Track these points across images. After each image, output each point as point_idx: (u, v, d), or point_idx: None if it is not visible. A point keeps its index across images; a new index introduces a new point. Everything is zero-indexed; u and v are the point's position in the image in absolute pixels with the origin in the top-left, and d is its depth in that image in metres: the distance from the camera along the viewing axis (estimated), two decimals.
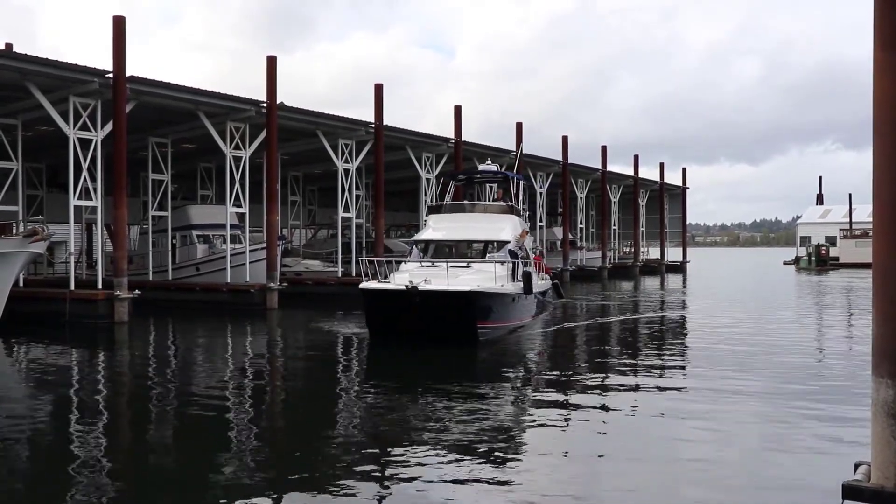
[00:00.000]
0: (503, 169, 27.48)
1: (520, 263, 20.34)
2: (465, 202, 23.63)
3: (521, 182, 25.44)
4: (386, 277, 18.79)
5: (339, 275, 35.94)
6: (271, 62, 29.56)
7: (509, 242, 20.71)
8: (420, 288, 16.78)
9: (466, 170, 33.09)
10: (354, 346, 18.50)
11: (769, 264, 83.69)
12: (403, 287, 16.96)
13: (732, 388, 12.61)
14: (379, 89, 35.20)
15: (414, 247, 21.62)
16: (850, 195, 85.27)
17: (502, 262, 19.47)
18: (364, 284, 18.27)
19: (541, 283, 21.56)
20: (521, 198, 24.05)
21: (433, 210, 23.48)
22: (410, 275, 18.09)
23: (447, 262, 18.85)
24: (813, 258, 72.57)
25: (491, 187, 27.05)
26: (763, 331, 20.88)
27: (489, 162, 26.23)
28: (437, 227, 21.92)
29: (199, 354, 18.28)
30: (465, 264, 19.03)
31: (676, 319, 25.25)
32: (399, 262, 20.42)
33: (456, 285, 17.20)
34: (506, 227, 21.47)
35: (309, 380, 14.82)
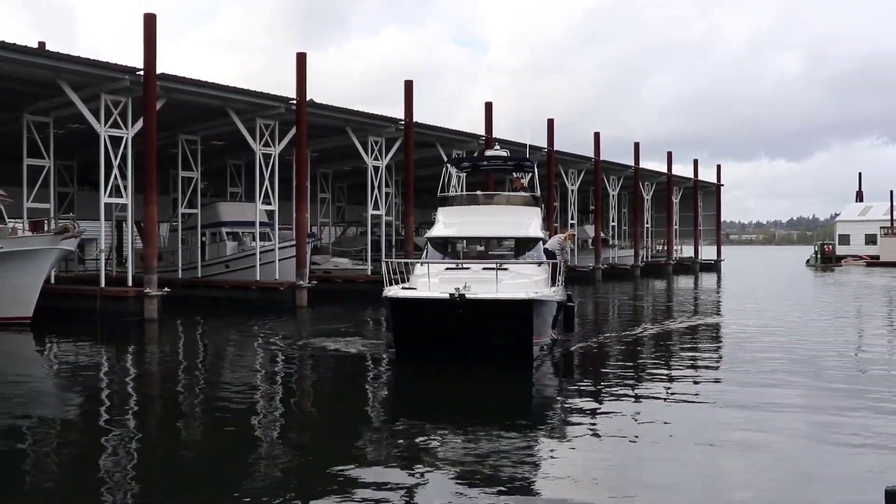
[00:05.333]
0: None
1: (561, 265, 18.18)
2: (479, 193, 20.48)
3: (536, 170, 21.94)
4: (405, 281, 16.81)
5: (369, 272, 35.91)
6: (301, 59, 29.59)
7: (541, 239, 18.54)
8: (468, 296, 14.18)
9: (471, 156, 32.08)
10: (381, 360, 18.25)
11: (792, 263, 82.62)
12: (448, 295, 14.21)
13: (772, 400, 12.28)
14: (409, 86, 35.13)
15: (428, 245, 18.53)
16: (891, 192, 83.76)
17: (539, 264, 17.43)
18: (391, 292, 15.39)
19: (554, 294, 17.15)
20: (537, 187, 21.03)
21: (443, 202, 19.79)
22: (441, 279, 15.54)
23: (479, 263, 16.92)
24: (819, 256, 78.80)
25: (510, 178, 24.97)
26: (792, 332, 20.50)
27: (498, 147, 23.45)
28: (450, 223, 18.88)
29: (228, 353, 18.30)
30: (497, 266, 16.23)
31: (715, 325, 24.81)
32: (415, 265, 17.67)
33: (507, 292, 14.76)
34: (533, 222, 18.80)
35: (340, 383, 14.65)
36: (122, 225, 43.59)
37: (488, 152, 22.92)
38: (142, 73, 24.24)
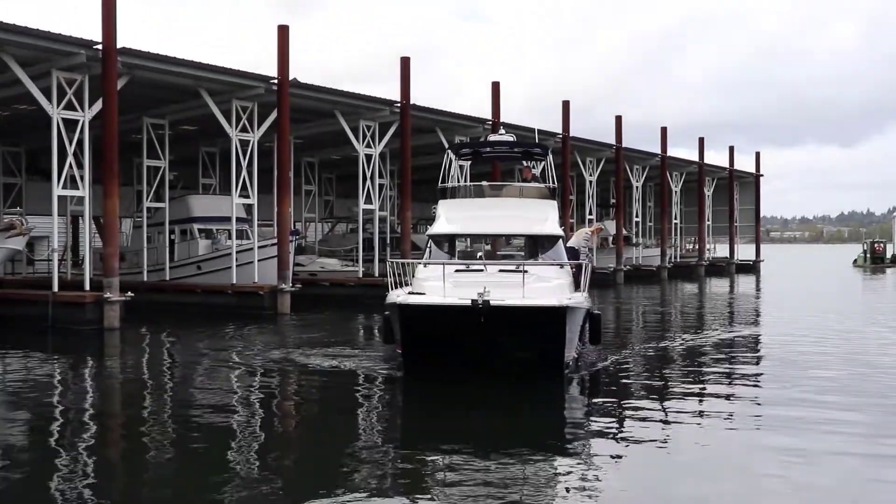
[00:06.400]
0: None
1: (589, 267, 17.69)
2: (485, 184, 20.21)
3: (550, 156, 21.27)
4: (407, 284, 16.57)
5: (360, 275, 35.80)
6: (283, 32, 29.40)
7: (560, 237, 18.34)
8: (492, 303, 13.70)
9: (473, 142, 31.72)
10: (381, 368, 18.02)
11: (837, 263, 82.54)
12: (468, 302, 13.75)
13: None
14: (406, 63, 34.95)
15: (430, 243, 18.34)
16: None
17: (561, 265, 17.11)
18: (400, 298, 14.82)
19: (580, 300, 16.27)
20: (550, 178, 20.51)
21: (444, 194, 19.49)
22: (454, 283, 15.23)
23: (496, 264, 16.52)
24: (868, 256, 76.05)
25: (519, 168, 24.57)
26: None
27: (503, 131, 23.00)
28: (453, 218, 18.54)
29: (199, 367, 18.00)
30: (520, 267, 16.01)
31: (754, 337, 24.56)
32: (416, 266, 17.47)
33: (534, 298, 14.52)
34: (550, 217, 18.61)
35: (329, 403, 14.38)
36: (78, 221, 43.47)
37: (492, 137, 22.63)
38: (100, 46, 23.97)
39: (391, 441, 11.32)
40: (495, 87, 40.45)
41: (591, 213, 51.01)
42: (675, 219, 60.76)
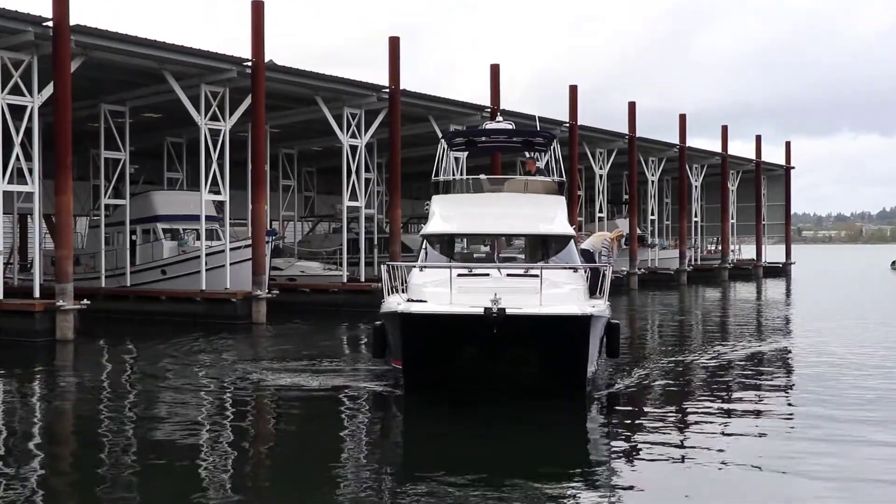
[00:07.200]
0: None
1: (609, 273, 17.44)
2: (483, 177, 20.24)
3: (556, 145, 20.68)
4: (400, 291, 16.49)
5: (344, 280, 35.70)
6: (257, 9, 29.33)
7: (571, 237, 18.24)
8: (509, 311, 13.45)
9: (468, 129, 31.61)
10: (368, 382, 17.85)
11: (875, 265, 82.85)
12: (482, 310, 13.48)
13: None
14: (395, 43, 34.90)
15: (426, 244, 18.14)
16: None
17: (574, 269, 17.05)
18: (401, 306, 14.54)
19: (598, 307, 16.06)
20: (554, 170, 20.37)
21: (437, 189, 19.42)
22: (458, 289, 14.95)
23: (507, 267, 16.57)
24: None
25: (521, 160, 24.41)
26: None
27: (500, 119, 22.98)
28: (450, 215, 18.44)
29: (162, 384, 17.84)
30: (523, 271, 16.09)
31: (784, 352, 24.50)
32: (411, 270, 17.32)
33: (552, 305, 14.40)
34: (558, 215, 18.52)
35: (313, 427, 14.19)
36: (27, 219, 43.33)
37: (488, 125, 22.50)
38: (51, 23, 23.85)
39: (391, 466, 11.25)
40: (495, 69, 40.37)
41: (601, 211, 50.95)
42: (696, 217, 60.69)
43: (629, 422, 13.70)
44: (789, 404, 15.20)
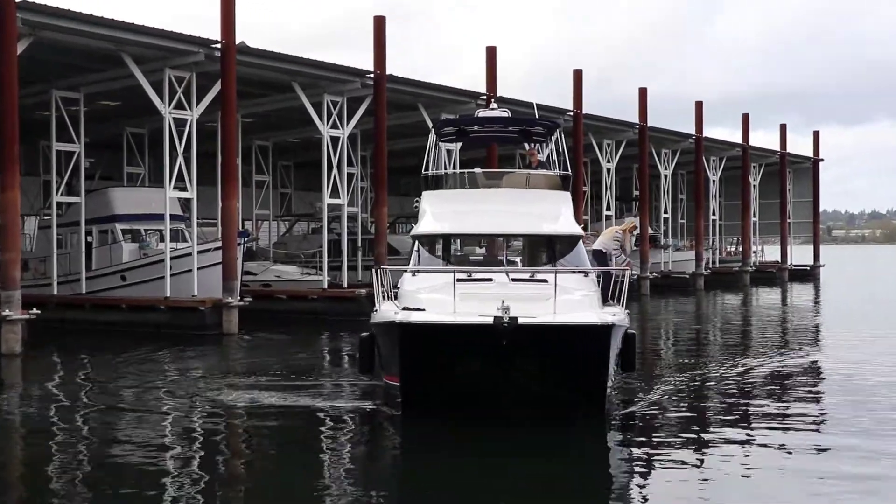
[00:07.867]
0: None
1: (626, 277, 17.47)
2: (478, 170, 20.20)
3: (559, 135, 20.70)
4: (391, 298, 16.38)
5: (325, 286, 35.62)
6: None
7: (581, 237, 18.26)
8: (521, 321, 13.34)
9: (461, 118, 31.46)
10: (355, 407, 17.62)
11: None
12: (490, 319, 13.38)
13: None
14: (380, 23, 35.02)
15: (417, 245, 18.09)
16: None
17: (585, 273, 17.08)
18: (399, 316, 14.44)
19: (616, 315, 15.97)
20: (556, 163, 20.24)
21: (428, 184, 19.39)
22: (460, 296, 14.95)
23: (517, 271, 16.76)
24: None
25: (520, 152, 24.36)
26: None
27: (495, 106, 23.02)
28: (442, 214, 18.38)
29: (120, 402, 17.75)
30: (528, 276, 16.23)
31: (813, 366, 24.36)
32: (403, 275, 17.46)
33: (568, 314, 14.49)
34: (564, 212, 18.46)
35: (293, 453, 13.96)
36: None
37: (481, 112, 22.45)
38: None
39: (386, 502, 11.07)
40: (491, 52, 40.38)
41: (609, 209, 50.93)
42: (713, 215, 60.71)
43: (650, 450, 13.50)
44: (817, 429, 14.98)
